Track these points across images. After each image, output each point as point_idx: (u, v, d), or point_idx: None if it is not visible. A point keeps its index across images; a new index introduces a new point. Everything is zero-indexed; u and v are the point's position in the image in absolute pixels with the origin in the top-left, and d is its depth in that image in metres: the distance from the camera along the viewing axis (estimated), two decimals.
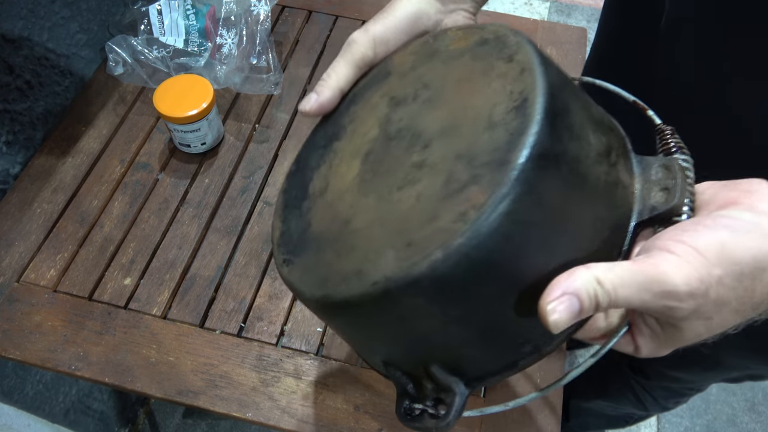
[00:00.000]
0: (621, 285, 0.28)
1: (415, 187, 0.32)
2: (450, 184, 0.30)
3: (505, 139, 0.29)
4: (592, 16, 2.10)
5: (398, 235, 0.30)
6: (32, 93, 0.75)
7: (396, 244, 0.30)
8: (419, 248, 0.29)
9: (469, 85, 0.34)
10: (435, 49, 0.39)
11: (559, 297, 0.28)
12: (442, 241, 0.28)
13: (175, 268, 0.67)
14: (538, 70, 0.31)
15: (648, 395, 0.88)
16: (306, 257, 0.36)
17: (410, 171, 0.33)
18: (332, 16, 0.91)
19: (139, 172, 0.74)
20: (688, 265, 0.28)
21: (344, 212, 0.35)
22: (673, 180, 0.32)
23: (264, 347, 0.62)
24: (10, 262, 0.67)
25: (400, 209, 0.32)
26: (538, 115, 0.29)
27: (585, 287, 0.28)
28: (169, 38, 0.78)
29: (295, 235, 0.38)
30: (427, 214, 0.30)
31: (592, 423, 1.13)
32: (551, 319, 0.28)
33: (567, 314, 0.28)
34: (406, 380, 0.35)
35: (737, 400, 1.39)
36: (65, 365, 0.60)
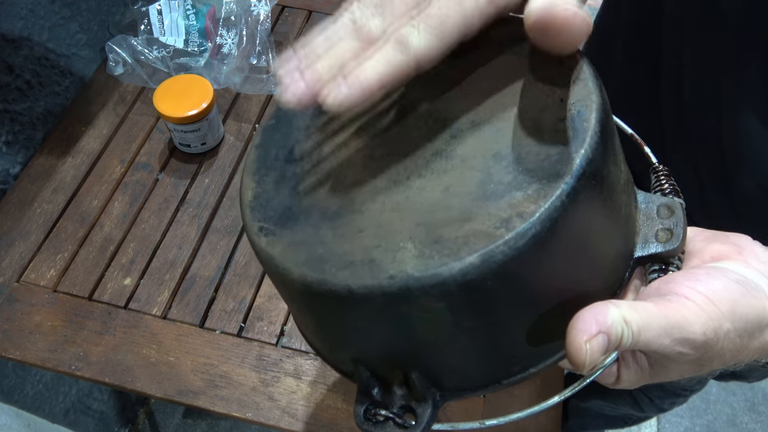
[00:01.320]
0: (645, 327, 0.28)
1: (441, 179, 0.29)
2: (487, 184, 0.27)
3: (556, 149, 0.27)
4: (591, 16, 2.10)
5: (421, 228, 0.27)
6: (32, 93, 0.75)
7: (418, 237, 0.27)
8: (449, 248, 0.26)
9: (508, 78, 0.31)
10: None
11: (596, 335, 0.27)
12: (479, 246, 0.25)
13: (175, 268, 0.67)
14: (593, 83, 0.29)
15: (644, 396, 0.88)
16: (293, 230, 0.31)
17: (433, 159, 0.29)
18: (332, 16, 0.91)
19: (139, 172, 0.74)
20: (705, 315, 0.28)
21: (347, 188, 0.31)
22: (676, 222, 0.32)
23: (264, 347, 0.62)
24: (10, 262, 0.67)
25: (422, 198, 0.28)
26: (596, 132, 0.27)
27: (615, 327, 0.27)
28: (169, 38, 0.78)
29: (274, 201, 0.32)
30: (457, 211, 0.27)
31: (591, 423, 1.13)
32: (587, 359, 0.27)
33: (599, 353, 0.27)
34: (373, 382, 0.32)
35: (737, 400, 1.39)
36: (65, 365, 0.60)
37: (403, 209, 0.29)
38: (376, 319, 0.29)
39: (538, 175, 0.27)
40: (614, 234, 0.30)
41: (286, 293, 0.32)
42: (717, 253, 0.31)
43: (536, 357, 0.31)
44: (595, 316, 0.27)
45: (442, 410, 0.58)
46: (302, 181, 0.32)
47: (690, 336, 0.28)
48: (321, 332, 0.34)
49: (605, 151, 0.28)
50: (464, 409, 0.59)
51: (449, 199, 0.28)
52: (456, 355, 0.30)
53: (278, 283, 0.32)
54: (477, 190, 0.27)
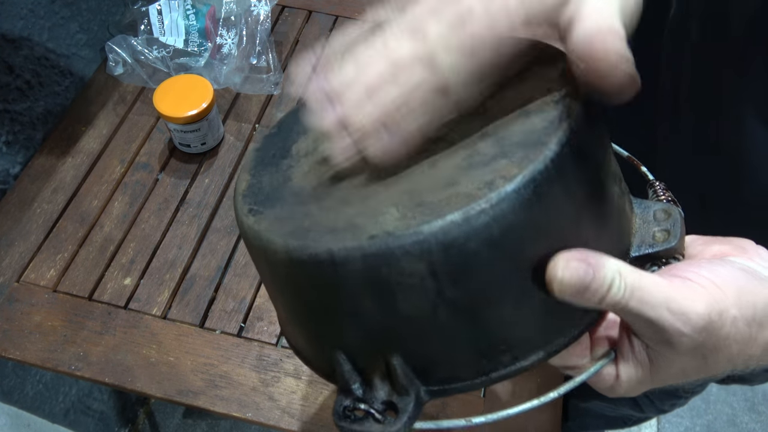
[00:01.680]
0: (641, 288, 0.27)
1: (429, 158, 0.29)
2: (474, 156, 0.27)
3: (541, 125, 0.27)
4: None
5: (405, 195, 0.27)
6: (32, 93, 0.75)
7: (402, 203, 0.27)
8: (432, 208, 0.25)
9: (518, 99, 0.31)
10: None
11: (579, 257, 0.26)
12: (461, 204, 0.25)
13: (175, 268, 0.67)
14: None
15: (644, 397, 0.88)
16: (280, 208, 0.31)
17: (423, 144, 0.29)
18: (332, 16, 0.91)
19: (139, 172, 0.74)
20: (710, 296, 0.27)
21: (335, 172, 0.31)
22: (673, 223, 0.32)
23: (264, 347, 0.62)
24: (10, 262, 0.67)
25: (409, 173, 0.28)
26: (580, 108, 0.27)
27: (607, 268, 0.26)
28: (169, 38, 0.78)
29: (267, 188, 0.33)
30: (443, 179, 0.27)
31: (591, 423, 1.13)
32: (559, 274, 0.26)
33: (578, 277, 0.26)
34: (354, 376, 0.30)
35: (737, 400, 1.39)
36: (65, 365, 0.60)
37: (390, 183, 0.29)
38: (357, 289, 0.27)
39: (524, 146, 0.27)
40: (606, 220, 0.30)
41: (269, 269, 0.32)
42: (719, 252, 0.31)
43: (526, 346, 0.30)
44: (588, 252, 0.26)
45: (442, 410, 0.58)
46: (293, 171, 0.33)
47: (691, 313, 0.27)
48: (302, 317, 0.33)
49: (590, 128, 0.28)
50: (464, 409, 0.59)
51: (436, 171, 0.28)
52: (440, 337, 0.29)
53: (261, 258, 0.31)
54: (463, 162, 0.28)
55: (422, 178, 0.28)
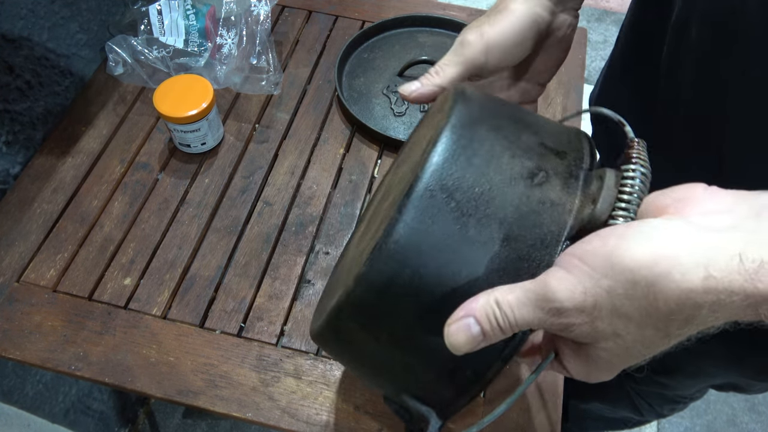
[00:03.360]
0: (518, 306, 0.28)
1: (371, 230, 0.36)
2: (381, 224, 0.34)
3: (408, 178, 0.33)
4: (592, 16, 2.10)
5: (347, 276, 0.35)
6: (32, 93, 0.75)
7: (343, 282, 0.35)
8: (344, 281, 0.34)
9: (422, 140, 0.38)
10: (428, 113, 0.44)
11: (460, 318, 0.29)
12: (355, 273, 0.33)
13: (175, 268, 0.67)
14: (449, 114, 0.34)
15: (643, 401, 0.88)
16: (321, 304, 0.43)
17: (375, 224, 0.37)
18: (332, 16, 0.91)
19: (139, 172, 0.74)
20: (571, 278, 0.27)
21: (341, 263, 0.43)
22: (600, 189, 0.32)
23: (264, 347, 0.62)
24: (10, 262, 0.67)
25: (357, 252, 0.37)
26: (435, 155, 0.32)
27: (483, 309, 0.28)
28: (169, 38, 0.78)
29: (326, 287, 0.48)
30: (358, 256, 0.35)
31: (591, 425, 1.13)
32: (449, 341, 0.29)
33: (464, 336, 0.29)
34: (402, 412, 0.39)
35: (737, 400, 1.39)
36: (65, 365, 0.60)
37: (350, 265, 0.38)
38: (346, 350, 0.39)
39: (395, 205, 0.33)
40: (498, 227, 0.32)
41: None
42: (654, 210, 0.29)
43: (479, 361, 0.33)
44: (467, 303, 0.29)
45: None
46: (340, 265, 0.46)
47: (557, 304, 0.27)
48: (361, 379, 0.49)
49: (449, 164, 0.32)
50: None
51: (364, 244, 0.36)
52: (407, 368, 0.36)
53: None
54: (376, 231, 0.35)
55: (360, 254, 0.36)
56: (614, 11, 2.11)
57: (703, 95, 0.50)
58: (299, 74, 0.84)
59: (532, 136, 0.35)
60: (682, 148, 0.54)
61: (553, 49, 0.47)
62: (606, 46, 2.01)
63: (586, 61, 1.14)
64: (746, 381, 0.68)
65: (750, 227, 0.25)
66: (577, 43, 0.87)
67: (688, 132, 0.53)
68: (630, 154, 0.34)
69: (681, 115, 0.53)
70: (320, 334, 0.37)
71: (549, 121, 0.39)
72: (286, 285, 0.66)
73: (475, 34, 0.42)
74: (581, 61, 0.86)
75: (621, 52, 0.67)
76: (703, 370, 0.69)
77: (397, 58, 0.84)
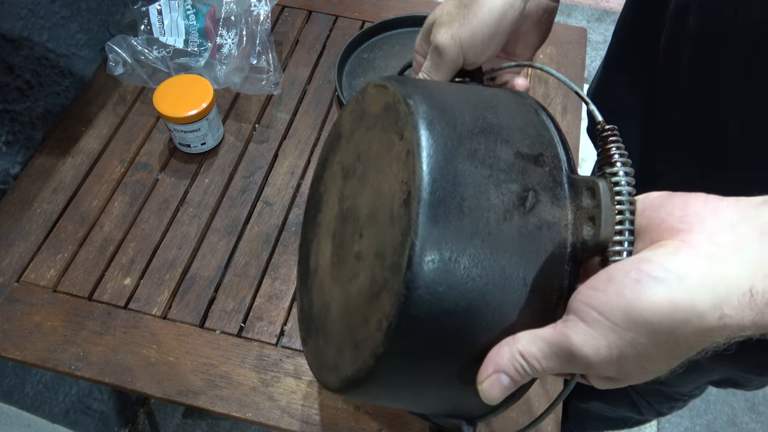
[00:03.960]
0: (544, 358, 0.30)
1: (356, 281, 0.35)
2: (373, 285, 0.33)
3: (398, 239, 0.31)
4: (592, 16, 2.10)
5: (351, 333, 0.35)
6: (32, 93, 0.75)
7: (349, 343, 0.35)
8: (361, 352, 0.33)
9: (381, 162, 0.35)
10: (363, 110, 0.40)
11: (491, 375, 0.31)
12: (371, 349, 0.32)
13: (175, 268, 0.67)
14: (419, 153, 0.31)
15: (642, 399, 0.88)
16: (313, 339, 0.41)
17: (354, 263, 0.36)
18: (332, 16, 0.91)
19: (139, 172, 0.74)
20: (594, 333, 0.28)
21: (326, 297, 0.40)
22: (598, 208, 0.31)
23: (264, 347, 0.62)
24: (10, 262, 0.67)
25: (350, 303, 0.36)
26: (420, 214, 0.30)
27: (511, 363, 0.30)
28: (169, 38, 0.78)
29: (305, 313, 0.44)
30: (362, 315, 0.33)
31: (591, 425, 1.13)
32: (484, 397, 0.31)
33: (498, 389, 0.31)
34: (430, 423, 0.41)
35: (737, 400, 1.39)
36: (65, 365, 0.60)
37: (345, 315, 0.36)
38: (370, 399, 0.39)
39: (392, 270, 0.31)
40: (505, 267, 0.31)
41: None
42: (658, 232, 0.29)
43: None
44: (491, 357, 0.31)
45: None
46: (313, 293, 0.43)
47: (583, 360, 0.28)
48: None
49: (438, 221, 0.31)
50: None
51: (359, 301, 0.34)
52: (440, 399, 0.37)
53: None
54: (369, 290, 0.33)
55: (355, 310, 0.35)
56: (614, 11, 2.11)
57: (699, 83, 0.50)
58: (299, 74, 0.84)
59: (505, 146, 0.34)
60: (680, 137, 0.54)
61: (530, 35, 0.47)
62: (606, 46, 2.01)
63: (586, 61, 1.14)
64: (743, 376, 0.68)
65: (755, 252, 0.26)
66: (577, 43, 0.87)
67: (686, 121, 0.53)
68: (609, 151, 0.33)
69: (679, 104, 0.53)
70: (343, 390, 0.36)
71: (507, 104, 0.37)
72: (286, 285, 0.66)
73: (447, 38, 0.42)
74: (581, 61, 0.86)
75: (618, 44, 0.66)
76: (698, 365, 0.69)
77: (397, 58, 0.84)
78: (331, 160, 0.44)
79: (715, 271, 0.26)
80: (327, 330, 0.39)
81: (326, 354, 0.38)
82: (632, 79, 0.62)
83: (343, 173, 0.41)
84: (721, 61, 0.47)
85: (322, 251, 0.42)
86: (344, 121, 0.43)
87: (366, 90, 0.40)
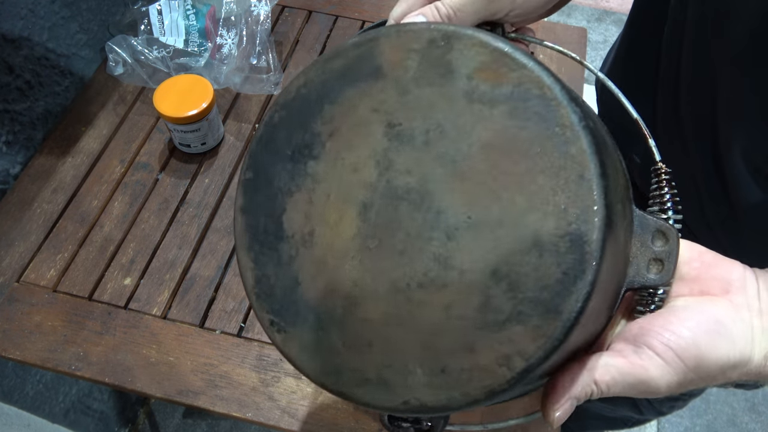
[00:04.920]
0: (614, 384, 0.32)
1: (441, 294, 0.29)
2: (487, 311, 0.28)
3: (555, 276, 0.26)
4: (592, 16, 2.10)
5: (427, 352, 0.29)
6: (32, 93, 0.75)
7: (426, 363, 0.28)
8: (456, 381, 0.28)
9: (506, 161, 0.28)
10: (450, 63, 0.30)
11: (564, 403, 0.32)
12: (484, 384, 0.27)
13: (175, 268, 0.67)
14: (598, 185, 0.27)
15: (643, 399, 0.88)
16: (302, 330, 0.32)
17: (432, 266, 0.29)
18: (332, 16, 0.91)
19: (139, 172, 0.74)
20: (671, 371, 0.31)
21: (346, 286, 0.31)
22: (669, 253, 0.32)
23: (264, 347, 0.62)
24: (10, 262, 0.67)
25: (425, 316, 0.29)
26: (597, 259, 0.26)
27: (584, 390, 0.32)
28: (169, 38, 0.78)
29: (277, 289, 0.33)
30: (461, 338, 0.28)
31: (591, 424, 1.13)
32: (555, 423, 0.32)
33: (565, 415, 0.32)
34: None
35: (737, 400, 1.39)
36: (65, 365, 0.60)
37: (407, 325, 0.29)
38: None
39: (538, 308, 0.27)
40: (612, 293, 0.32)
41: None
42: (705, 288, 0.33)
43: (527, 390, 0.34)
44: (565, 385, 0.31)
45: None
46: (298, 267, 0.32)
47: (654, 391, 0.32)
48: None
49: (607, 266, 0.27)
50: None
51: (452, 323, 0.28)
52: None
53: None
54: (478, 316, 0.28)
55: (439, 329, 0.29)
56: (614, 11, 2.11)
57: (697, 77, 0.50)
58: None
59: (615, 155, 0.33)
60: (685, 130, 0.54)
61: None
62: (606, 46, 2.01)
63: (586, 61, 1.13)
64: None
65: None
66: (577, 43, 0.87)
67: (689, 114, 0.53)
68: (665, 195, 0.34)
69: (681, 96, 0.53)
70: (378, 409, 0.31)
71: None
72: None
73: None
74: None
75: (627, 34, 0.66)
76: None
77: None
78: (350, 97, 0.32)
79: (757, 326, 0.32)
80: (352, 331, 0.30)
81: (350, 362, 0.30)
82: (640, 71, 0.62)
83: (392, 132, 0.31)
84: (713, 53, 0.47)
85: (326, 220, 0.32)
86: (393, 56, 0.32)
87: (462, 44, 0.30)
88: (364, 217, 0.31)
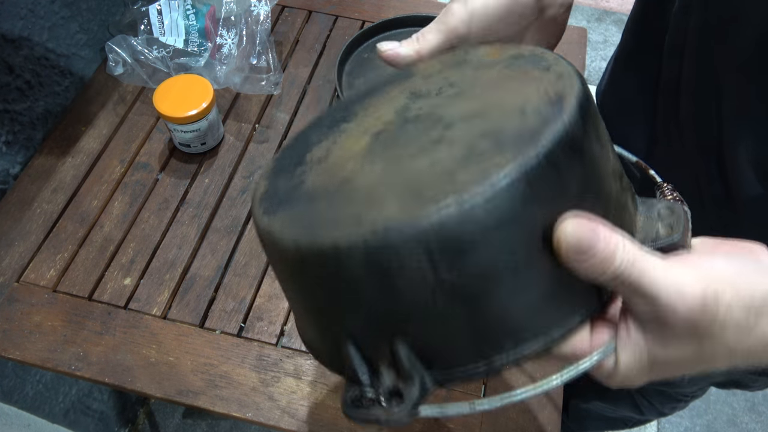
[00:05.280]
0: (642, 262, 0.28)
1: (430, 155, 0.30)
2: (471, 154, 0.29)
3: (536, 123, 0.29)
4: (592, 16, 2.10)
5: (406, 189, 0.29)
6: (32, 93, 0.75)
7: (403, 196, 0.28)
8: (429, 199, 0.27)
9: (501, 86, 0.34)
10: (465, 59, 0.38)
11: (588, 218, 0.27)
12: (455, 193, 0.27)
13: (175, 268, 0.67)
14: (577, 76, 0.31)
15: (644, 399, 0.88)
16: (293, 208, 0.33)
17: (426, 144, 0.31)
18: (332, 16, 0.91)
19: (139, 172, 0.74)
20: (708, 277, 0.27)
21: (345, 173, 0.33)
22: (677, 220, 0.32)
23: (264, 347, 0.62)
24: (10, 262, 0.67)
25: (411, 170, 0.30)
26: (573, 108, 0.29)
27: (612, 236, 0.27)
28: (169, 38, 0.78)
29: (282, 192, 0.35)
30: (442, 174, 0.28)
31: (591, 425, 1.13)
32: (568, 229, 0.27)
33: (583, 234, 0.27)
34: (362, 366, 0.31)
35: (737, 400, 1.39)
36: (65, 365, 0.60)
37: (393, 180, 0.30)
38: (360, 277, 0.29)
39: (518, 141, 0.28)
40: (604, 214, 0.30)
41: (282, 266, 0.34)
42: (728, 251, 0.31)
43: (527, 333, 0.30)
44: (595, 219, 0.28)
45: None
46: (306, 176, 0.35)
47: (687, 288, 0.27)
48: (312, 309, 0.35)
49: (585, 126, 0.29)
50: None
51: (436, 167, 0.30)
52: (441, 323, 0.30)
53: (275, 255, 0.33)
54: (462, 158, 0.29)
55: (424, 173, 0.30)
56: (614, 11, 2.11)
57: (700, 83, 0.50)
58: (299, 74, 0.84)
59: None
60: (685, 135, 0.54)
61: (544, 31, 0.46)
62: (606, 46, 2.01)
63: (586, 61, 1.14)
64: (747, 376, 0.68)
65: None
66: (577, 43, 0.87)
67: (690, 120, 0.53)
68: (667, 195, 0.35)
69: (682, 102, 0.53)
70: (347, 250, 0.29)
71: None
72: None
73: (460, 3, 0.41)
74: (581, 61, 0.86)
75: (627, 42, 0.66)
76: None
77: None
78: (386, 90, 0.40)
79: None
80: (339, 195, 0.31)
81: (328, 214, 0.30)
82: (640, 77, 0.62)
83: (412, 95, 0.37)
84: (718, 63, 0.47)
85: (342, 146, 0.36)
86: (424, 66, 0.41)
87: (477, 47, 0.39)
88: (376, 138, 0.35)
